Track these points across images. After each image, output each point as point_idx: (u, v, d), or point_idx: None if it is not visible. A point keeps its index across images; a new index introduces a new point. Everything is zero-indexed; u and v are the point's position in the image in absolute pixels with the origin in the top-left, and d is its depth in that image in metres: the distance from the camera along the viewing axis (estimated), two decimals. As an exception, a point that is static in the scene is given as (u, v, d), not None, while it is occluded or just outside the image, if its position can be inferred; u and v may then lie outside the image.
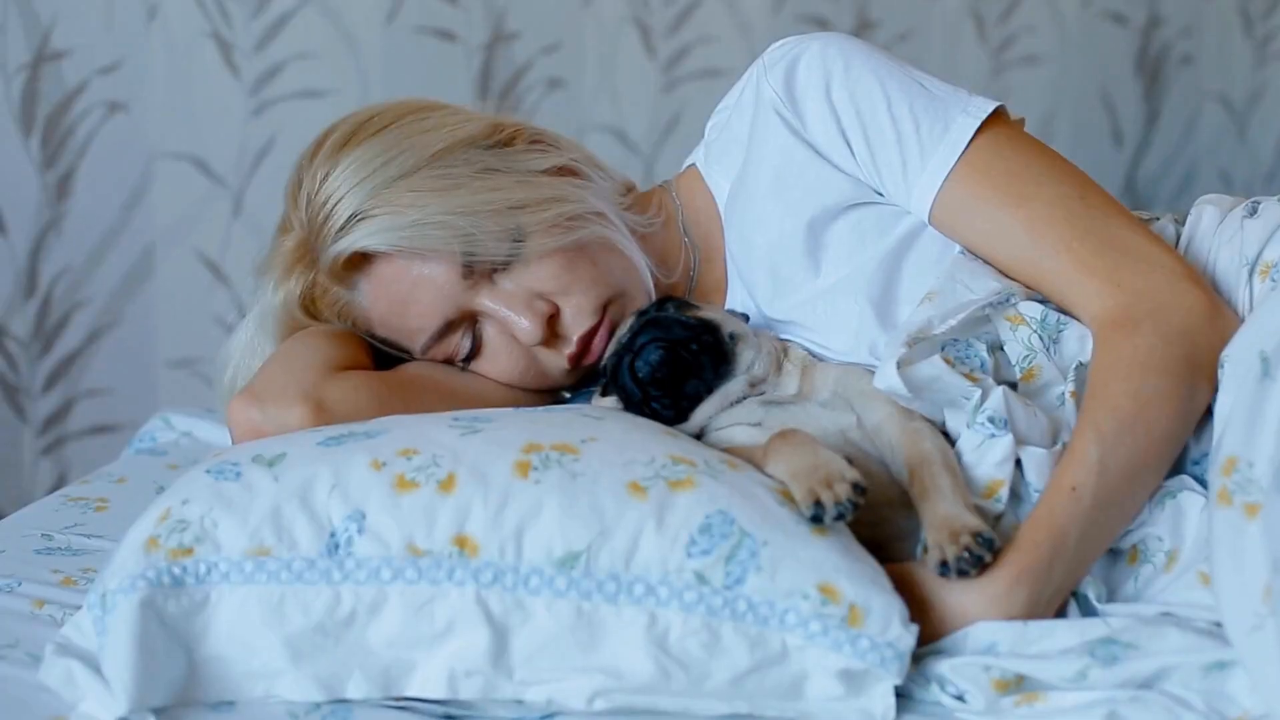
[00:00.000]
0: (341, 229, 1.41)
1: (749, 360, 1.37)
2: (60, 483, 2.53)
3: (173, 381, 2.63)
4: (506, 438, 1.22)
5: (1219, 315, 1.31)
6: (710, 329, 1.36)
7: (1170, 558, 1.24)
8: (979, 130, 1.38)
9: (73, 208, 2.52)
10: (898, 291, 1.41)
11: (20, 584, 1.40)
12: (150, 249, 2.59)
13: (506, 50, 2.79)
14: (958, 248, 1.40)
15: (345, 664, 1.16)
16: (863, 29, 3.03)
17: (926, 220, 1.40)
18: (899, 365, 1.30)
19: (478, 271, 1.42)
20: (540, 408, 1.38)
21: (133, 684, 1.13)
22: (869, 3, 3.04)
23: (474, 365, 1.47)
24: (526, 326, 1.42)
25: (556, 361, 1.46)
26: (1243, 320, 1.31)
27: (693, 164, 1.59)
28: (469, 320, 1.45)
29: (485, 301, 1.43)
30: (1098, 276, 1.33)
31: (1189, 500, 1.26)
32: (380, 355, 1.50)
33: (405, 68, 2.69)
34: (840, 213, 1.42)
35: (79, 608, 1.28)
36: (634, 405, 1.36)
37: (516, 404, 1.46)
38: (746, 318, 1.45)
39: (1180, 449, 1.29)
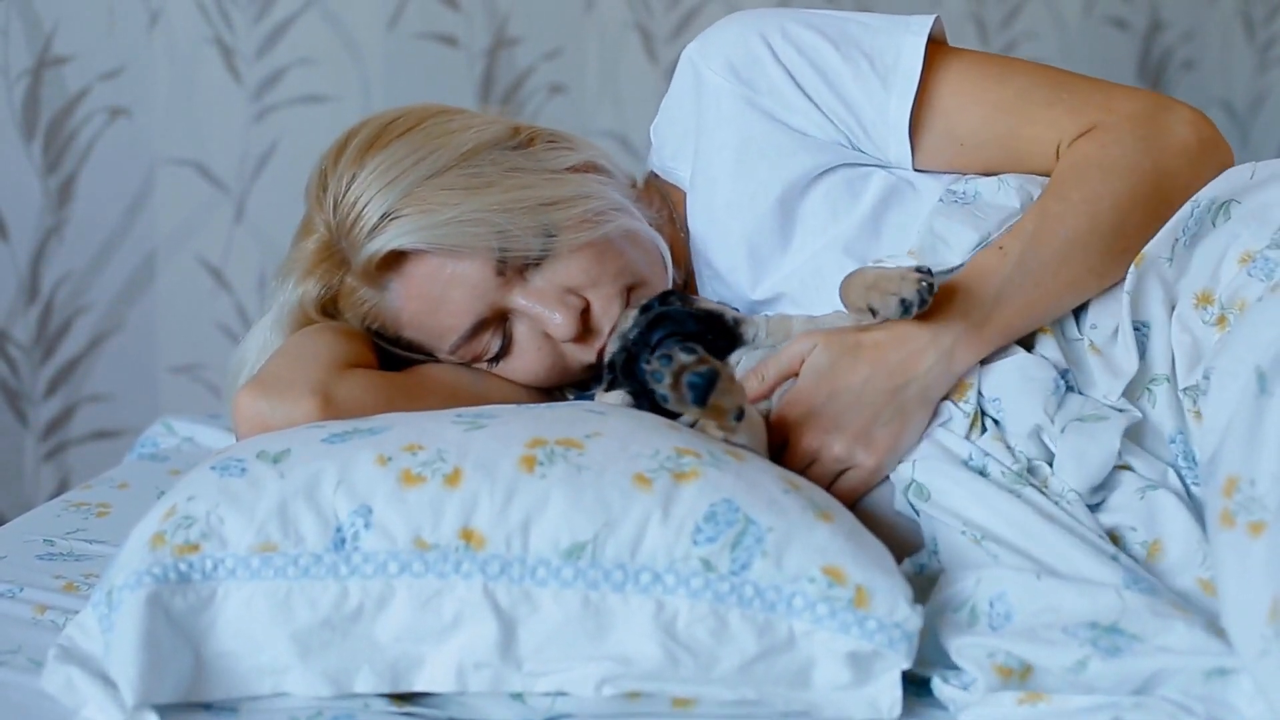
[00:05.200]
0: (374, 229, 1.41)
1: (751, 335, 1.40)
2: (62, 488, 2.53)
3: (174, 387, 2.63)
4: (511, 433, 1.22)
5: (1213, 148, 1.37)
6: (716, 318, 1.38)
7: (1150, 548, 1.25)
8: (930, 48, 1.42)
9: (74, 213, 2.52)
10: (879, 253, 1.41)
11: (22, 589, 1.39)
12: (152, 255, 2.59)
13: (508, 56, 2.79)
14: (937, 195, 1.41)
15: (353, 659, 1.15)
16: (864, 34, 3.03)
17: (907, 148, 1.42)
18: None
19: (510, 268, 1.43)
20: (543, 404, 1.38)
21: (139, 680, 1.12)
22: (870, 6, 3.05)
23: (501, 364, 1.47)
24: (560, 322, 1.42)
25: (584, 355, 1.46)
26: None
27: (650, 170, 1.60)
28: (500, 318, 1.45)
29: (518, 299, 1.44)
30: (1090, 110, 1.39)
31: (1167, 497, 1.26)
32: (384, 358, 1.50)
33: (407, 73, 2.69)
34: (809, 184, 1.43)
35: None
36: (649, 397, 1.35)
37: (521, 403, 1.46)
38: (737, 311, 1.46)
39: (1137, 242, 1.35)
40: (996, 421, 1.32)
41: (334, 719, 1.14)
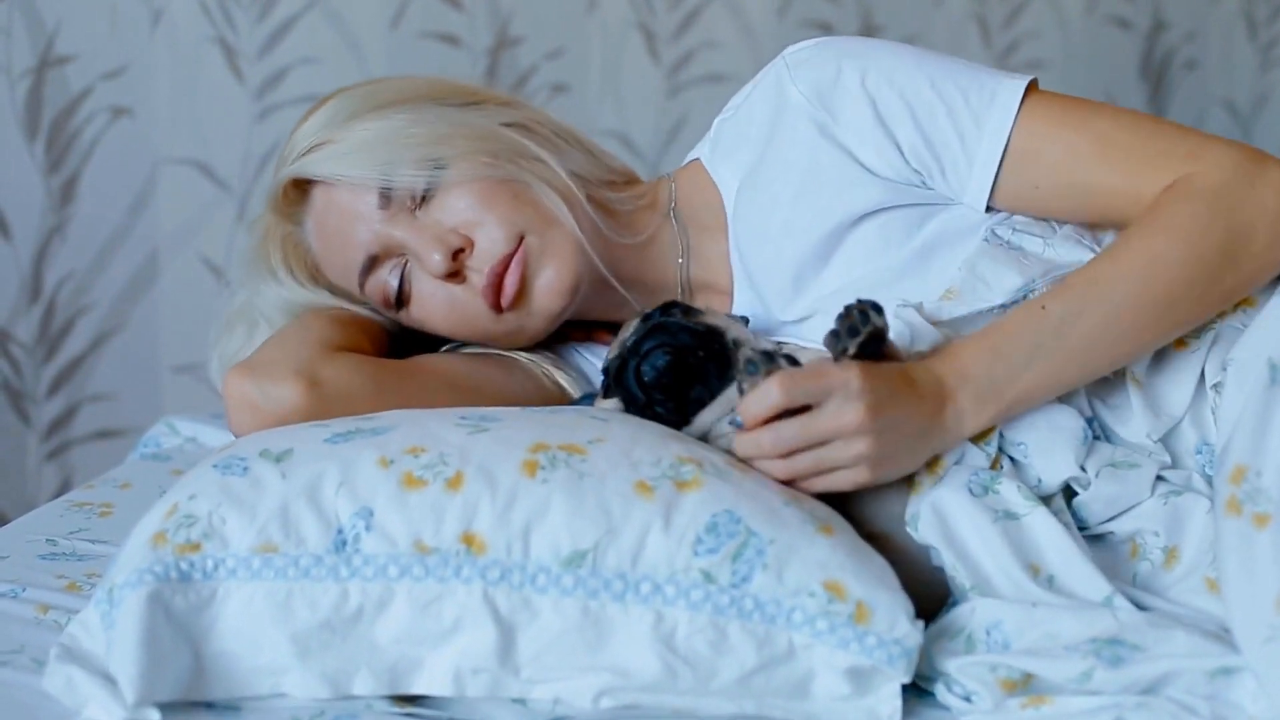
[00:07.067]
0: (290, 163, 1.47)
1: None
2: (64, 488, 2.53)
3: (177, 387, 2.63)
4: (514, 437, 1.22)
5: None
6: (715, 335, 1.36)
7: (1169, 554, 1.24)
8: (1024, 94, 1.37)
9: (77, 213, 2.52)
10: (921, 291, 1.37)
11: (24, 589, 1.39)
12: (154, 254, 2.59)
13: (511, 55, 2.79)
14: (981, 236, 1.37)
15: (352, 661, 1.15)
16: (867, 33, 3.03)
17: (988, 189, 1.37)
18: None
19: (396, 202, 1.44)
20: (546, 408, 1.37)
21: (139, 678, 1.12)
22: (874, 7, 3.05)
23: (409, 314, 1.48)
24: (436, 259, 1.42)
25: (475, 303, 1.45)
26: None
27: (696, 158, 1.57)
28: (393, 256, 1.46)
29: (399, 233, 1.44)
30: (1172, 162, 1.31)
31: (1193, 501, 1.25)
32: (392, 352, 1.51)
33: (409, 72, 2.68)
34: (864, 218, 1.40)
35: (83, 613, 1.27)
36: (636, 408, 1.35)
37: (518, 398, 1.47)
38: (747, 320, 1.45)
39: (1193, 313, 1.27)
40: (1013, 460, 1.27)
41: (336, 718, 1.14)
